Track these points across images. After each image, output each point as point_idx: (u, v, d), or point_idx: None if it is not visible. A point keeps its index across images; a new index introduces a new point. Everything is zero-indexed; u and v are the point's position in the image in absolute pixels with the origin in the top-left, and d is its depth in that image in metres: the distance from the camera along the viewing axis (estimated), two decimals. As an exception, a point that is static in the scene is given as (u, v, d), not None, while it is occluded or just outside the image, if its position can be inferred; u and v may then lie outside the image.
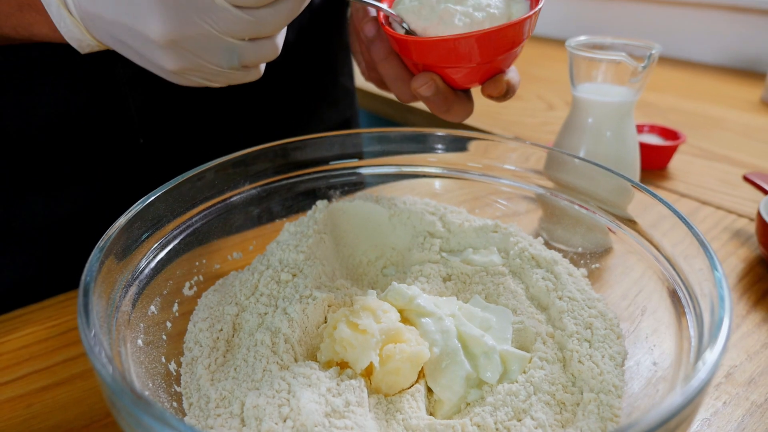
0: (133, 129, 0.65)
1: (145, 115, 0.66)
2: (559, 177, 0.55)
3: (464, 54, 0.44)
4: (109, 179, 0.66)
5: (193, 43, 0.40)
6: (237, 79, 0.46)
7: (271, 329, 0.44)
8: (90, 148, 0.64)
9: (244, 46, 0.42)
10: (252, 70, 0.46)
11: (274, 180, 0.56)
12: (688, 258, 0.41)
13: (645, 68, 0.60)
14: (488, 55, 0.45)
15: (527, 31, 0.45)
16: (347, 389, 0.39)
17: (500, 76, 0.48)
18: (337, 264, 0.54)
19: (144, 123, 0.66)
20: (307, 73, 0.80)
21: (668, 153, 0.92)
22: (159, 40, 0.39)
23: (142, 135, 0.66)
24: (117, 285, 0.40)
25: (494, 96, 0.49)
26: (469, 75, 0.47)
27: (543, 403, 0.40)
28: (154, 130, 0.67)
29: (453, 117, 0.51)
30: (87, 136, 0.63)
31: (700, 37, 1.62)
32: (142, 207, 0.43)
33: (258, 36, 0.43)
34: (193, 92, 0.68)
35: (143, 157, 0.67)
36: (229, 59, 0.43)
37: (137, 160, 0.67)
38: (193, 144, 0.70)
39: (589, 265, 0.53)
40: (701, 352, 0.32)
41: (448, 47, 0.44)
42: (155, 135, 0.67)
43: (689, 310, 0.38)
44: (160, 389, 0.40)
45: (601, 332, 0.44)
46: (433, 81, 0.47)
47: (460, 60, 0.45)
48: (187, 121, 0.70)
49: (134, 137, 0.66)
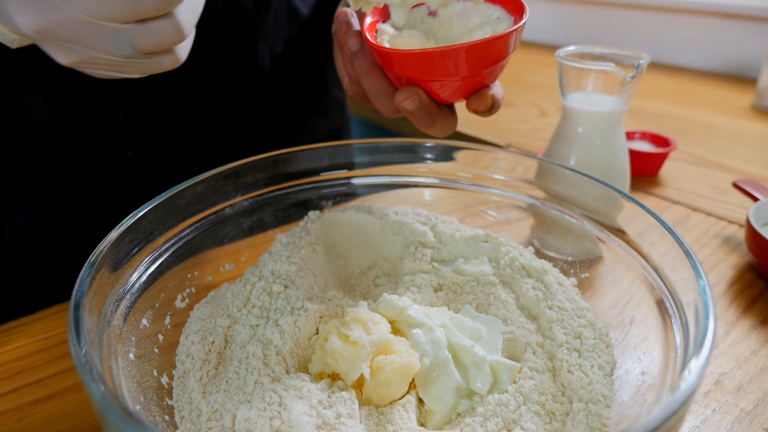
0: (122, 140, 0.66)
1: (134, 126, 0.66)
2: (550, 187, 0.55)
3: (448, 67, 0.44)
4: (98, 190, 0.67)
5: (70, 33, 0.37)
6: (149, 69, 0.42)
7: (263, 341, 0.44)
8: (78, 159, 0.64)
9: (132, 30, 0.37)
10: (162, 56, 0.41)
11: (266, 191, 0.56)
12: (674, 268, 0.41)
13: (633, 78, 0.60)
14: (473, 69, 0.45)
15: (512, 45, 0.46)
16: (338, 401, 0.39)
17: (485, 90, 0.48)
18: (329, 275, 0.54)
19: (132, 134, 0.66)
20: (297, 84, 0.80)
21: (659, 160, 0.93)
22: (29, 32, 0.36)
23: (130, 147, 0.67)
24: (108, 299, 0.40)
25: (479, 111, 0.49)
26: (453, 89, 0.47)
27: (533, 413, 0.40)
28: (143, 141, 0.67)
29: (436, 131, 0.50)
30: (75, 147, 0.63)
31: (691, 43, 1.63)
32: (134, 220, 0.44)
33: (143, 16, 0.37)
34: (182, 104, 0.68)
35: (132, 168, 0.68)
36: (120, 47, 0.38)
37: (126, 171, 0.67)
38: (183, 155, 0.71)
39: (578, 275, 0.53)
40: (687, 361, 0.32)
41: (431, 60, 0.44)
42: (144, 147, 0.68)
43: (675, 320, 0.39)
44: (151, 403, 0.40)
45: (590, 342, 0.44)
46: (417, 95, 0.47)
47: (444, 73, 0.45)
48: (177, 133, 0.70)
49: (123, 149, 0.66)
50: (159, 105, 0.66)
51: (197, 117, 0.71)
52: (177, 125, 0.69)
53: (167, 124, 0.69)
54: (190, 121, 0.70)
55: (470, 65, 0.44)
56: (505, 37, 0.44)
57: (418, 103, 0.47)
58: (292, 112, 0.81)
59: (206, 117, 0.72)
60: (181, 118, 0.69)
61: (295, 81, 0.80)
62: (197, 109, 0.70)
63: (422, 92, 0.47)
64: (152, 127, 0.68)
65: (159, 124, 0.68)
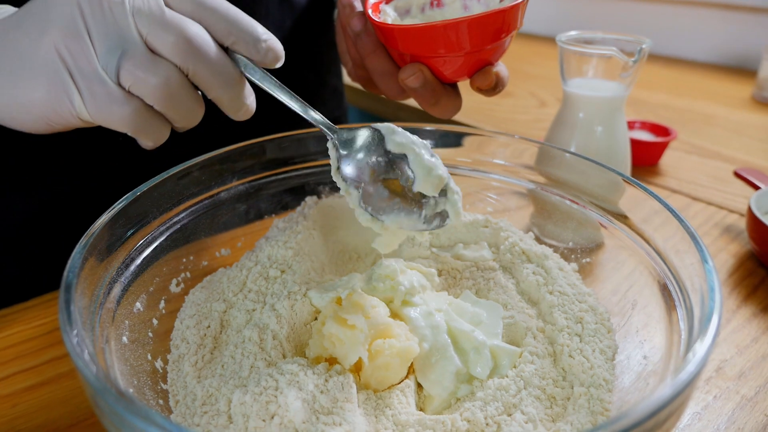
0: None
1: None
2: (551, 172, 0.55)
3: (452, 41, 0.44)
4: (89, 177, 0.65)
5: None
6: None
7: (259, 326, 0.43)
8: (67, 145, 0.63)
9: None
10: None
11: (263, 176, 0.55)
12: (679, 252, 0.41)
13: (636, 63, 0.60)
14: (476, 43, 0.44)
15: (515, 21, 0.45)
16: (335, 385, 0.39)
17: (489, 68, 0.47)
18: (326, 260, 0.53)
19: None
20: (292, 73, 0.79)
21: (659, 149, 0.92)
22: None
23: (121, 133, 0.65)
24: (101, 282, 0.39)
25: (483, 88, 0.48)
26: (457, 66, 0.47)
27: (533, 397, 0.40)
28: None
29: (441, 111, 0.50)
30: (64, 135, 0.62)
31: (691, 34, 1.62)
32: (127, 203, 0.43)
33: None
34: None
35: (124, 155, 0.66)
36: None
37: (118, 157, 0.66)
38: (176, 143, 0.69)
39: (580, 260, 0.53)
40: (691, 345, 0.31)
41: (434, 34, 0.43)
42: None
43: (680, 304, 0.38)
44: (145, 387, 0.39)
45: (591, 326, 0.44)
46: (421, 72, 0.47)
47: (448, 48, 0.44)
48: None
49: (114, 135, 0.65)
50: None
51: None
52: None
53: None
54: None
55: (473, 39, 0.43)
56: (508, 11, 0.43)
57: (422, 80, 0.47)
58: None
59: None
60: None
61: (290, 70, 0.79)
62: None
63: (426, 69, 0.47)
64: None
65: None
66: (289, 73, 0.79)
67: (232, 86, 0.41)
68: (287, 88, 0.43)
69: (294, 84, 0.80)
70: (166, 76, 0.38)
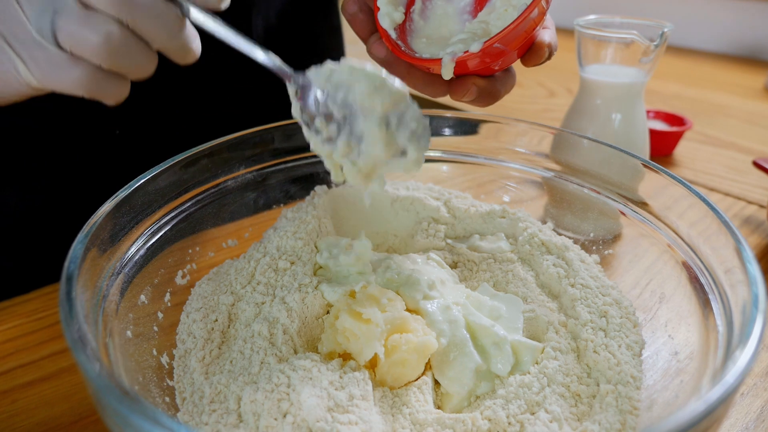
0: (109, 119, 0.62)
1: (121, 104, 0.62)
2: (567, 159, 0.53)
3: (502, 51, 0.40)
4: (86, 171, 0.63)
5: None
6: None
7: (269, 319, 0.41)
8: (64, 140, 0.61)
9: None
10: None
11: (271, 164, 0.53)
12: (708, 239, 0.39)
13: (658, 47, 0.57)
14: (522, 40, 0.40)
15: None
16: (350, 382, 0.37)
17: (539, 44, 0.42)
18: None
19: (120, 113, 0.63)
20: (292, 58, 0.76)
21: (674, 139, 0.90)
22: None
23: (118, 126, 0.63)
24: (103, 273, 0.37)
25: (540, 63, 0.43)
26: (509, 61, 0.42)
27: (557, 395, 0.38)
28: (131, 120, 0.64)
29: (499, 98, 0.45)
30: (60, 129, 0.60)
31: (703, 24, 1.59)
32: (130, 192, 0.41)
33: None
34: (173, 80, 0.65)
35: (121, 148, 0.64)
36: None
37: (114, 151, 0.64)
38: (173, 134, 0.67)
39: (601, 251, 0.51)
40: (731, 344, 0.29)
41: (487, 54, 0.39)
42: (132, 125, 0.64)
43: (714, 297, 0.36)
44: (151, 383, 0.37)
45: (616, 321, 0.42)
46: (474, 85, 0.42)
47: (499, 56, 0.40)
48: (167, 111, 0.66)
49: (110, 128, 0.63)
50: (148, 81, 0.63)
51: (188, 93, 0.67)
52: (167, 102, 0.66)
53: (157, 101, 0.65)
54: (181, 97, 0.67)
55: (519, 39, 0.39)
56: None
57: (476, 93, 0.42)
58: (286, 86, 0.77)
59: (198, 93, 0.68)
60: (172, 94, 0.66)
61: (291, 54, 0.76)
62: (188, 85, 0.66)
63: (478, 79, 0.42)
64: (141, 105, 0.64)
65: (148, 101, 0.64)
66: (290, 60, 0.77)
67: (175, 33, 0.37)
68: (235, 30, 0.39)
69: (294, 67, 0.78)
70: (105, 31, 0.34)
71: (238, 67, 0.71)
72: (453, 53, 0.40)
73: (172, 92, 0.66)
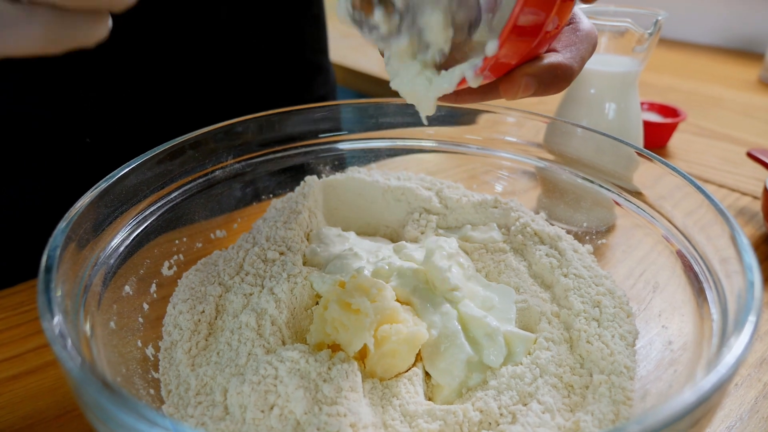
0: (79, 127, 0.61)
1: (91, 111, 0.60)
2: (561, 149, 0.52)
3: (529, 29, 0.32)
4: (58, 177, 0.61)
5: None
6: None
7: (257, 311, 0.40)
8: (34, 145, 0.59)
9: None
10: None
11: (260, 154, 0.52)
12: (704, 228, 0.38)
13: (652, 35, 0.57)
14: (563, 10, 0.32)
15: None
16: (339, 374, 0.36)
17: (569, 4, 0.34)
18: (327, 242, 0.51)
19: (89, 120, 0.61)
20: (273, 51, 0.74)
21: (668, 130, 0.90)
22: None
23: (88, 134, 0.61)
24: (86, 263, 0.36)
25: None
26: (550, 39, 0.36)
27: (550, 386, 0.37)
28: (102, 126, 0.62)
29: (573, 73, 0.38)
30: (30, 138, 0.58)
31: (696, 17, 1.59)
32: (113, 181, 0.40)
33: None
34: (142, 80, 0.63)
35: (92, 156, 0.62)
36: None
37: (85, 159, 0.62)
38: (146, 140, 0.65)
39: (594, 241, 0.50)
40: (726, 332, 0.29)
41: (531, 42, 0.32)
42: (103, 132, 0.62)
43: (709, 286, 0.35)
44: (135, 375, 0.36)
45: (610, 311, 0.41)
46: (526, 76, 0.35)
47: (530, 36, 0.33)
48: (138, 117, 0.64)
49: (80, 136, 0.61)
50: (117, 85, 0.60)
51: (160, 98, 0.65)
52: (138, 109, 0.63)
53: (127, 108, 0.63)
54: (151, 99, 0.64)
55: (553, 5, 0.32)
56: None
57: (534, 85, 0.35)
58: (266, 80, 0.74)
59: (170, 93, 0.65)
60: (143, 100, 0.63)
61: (271, 47, 0.74)
62: (159, 85, 0.63)
63: (528, 68, 0.35)
64: (111, 111, 0.62)
65: (118, 106, 0.62)
66: (270, 51, 0.75)
67: None
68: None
69: (275, 62, 0.76)
70: None
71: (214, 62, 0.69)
72: (474, 64, 0.33)
73: (144, 93, 0.63)
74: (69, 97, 0.59)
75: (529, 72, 0.34)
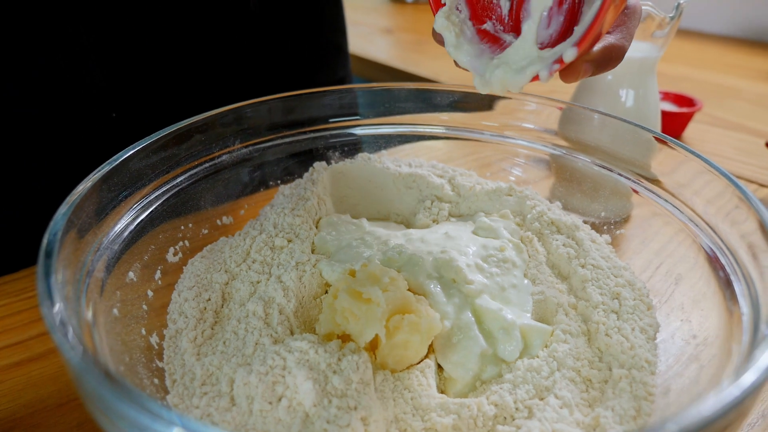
0: (104, 102, 0.60)
1: (116, 86, 0.60)
2: (576, 136, 0.50)
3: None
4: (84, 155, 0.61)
5: None
6: None
7: (264, 299, 0.39)
8: (59, 123, 0.58)
9: None
10: None
11: (268, 138, 0.51)
12: (729, 215, 0.36)
13: (673, 19, 0.55)
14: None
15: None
16: (350, 365, 0.35)
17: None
18: (336, 230, 0.49)
19: (115, 95, 0.60)
20: (289, 29, 0.73)
21: (684, 120, 0.88)
22: None
23: (114, 109, 0.61)
24: (88, 248, 0.35)
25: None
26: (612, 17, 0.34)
27: (567, 380, 0.36)
28: (127, 102, 0.61)
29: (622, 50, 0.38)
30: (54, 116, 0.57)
31: (710, 7, 1.56)
32: (119, 162, 0.39)
33: None
34: (166, 56, 0.62)
35: (118, 132, 0.62)
36: None
37: (112, 135, 0.62)
38: (170, 115, 0.65)
39: (612, 231, 0.48)
40: (758, 327, 0.27)
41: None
42: (128, 107, 0.62)
43: (737, 277, 0.34)
44: (138, 364, 0.35)
45: (629, 303, 0.40)
46: (585, 63, 0.36)
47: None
48: (163, 91, 0.64)
49: (106, 111, 0.61)
50: (142, 61, 0.60)
51: (183, 71, 0.64)
52: (162, 83, 0.63)
53: (152, 82, 0.62)
54: (175, 76, 0.64)
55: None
56: None
57: (592, 69, 0.36)
58: (286, 60, 0.74)
59: (193, 70, 0.65)
60: (166, 72, 0.63)
61: (289, 28, 0.73)
62: (183, 62, 0.63)
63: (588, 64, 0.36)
64: (136, 87, 0.61)
65: (143, 83, 0.62)
66: (288, 32, 0.74)
67: None
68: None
69: (293, 43, 0.75)
70: None
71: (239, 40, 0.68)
72: (549, 66, 0.34)
73: (168, 69, 0.63)
74: (87, 69, 0.58)
75: (588, 59, 0.36)
